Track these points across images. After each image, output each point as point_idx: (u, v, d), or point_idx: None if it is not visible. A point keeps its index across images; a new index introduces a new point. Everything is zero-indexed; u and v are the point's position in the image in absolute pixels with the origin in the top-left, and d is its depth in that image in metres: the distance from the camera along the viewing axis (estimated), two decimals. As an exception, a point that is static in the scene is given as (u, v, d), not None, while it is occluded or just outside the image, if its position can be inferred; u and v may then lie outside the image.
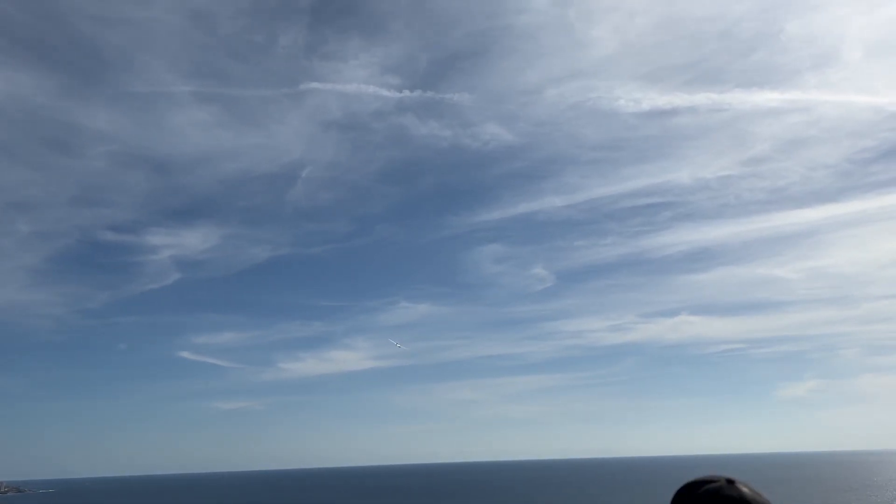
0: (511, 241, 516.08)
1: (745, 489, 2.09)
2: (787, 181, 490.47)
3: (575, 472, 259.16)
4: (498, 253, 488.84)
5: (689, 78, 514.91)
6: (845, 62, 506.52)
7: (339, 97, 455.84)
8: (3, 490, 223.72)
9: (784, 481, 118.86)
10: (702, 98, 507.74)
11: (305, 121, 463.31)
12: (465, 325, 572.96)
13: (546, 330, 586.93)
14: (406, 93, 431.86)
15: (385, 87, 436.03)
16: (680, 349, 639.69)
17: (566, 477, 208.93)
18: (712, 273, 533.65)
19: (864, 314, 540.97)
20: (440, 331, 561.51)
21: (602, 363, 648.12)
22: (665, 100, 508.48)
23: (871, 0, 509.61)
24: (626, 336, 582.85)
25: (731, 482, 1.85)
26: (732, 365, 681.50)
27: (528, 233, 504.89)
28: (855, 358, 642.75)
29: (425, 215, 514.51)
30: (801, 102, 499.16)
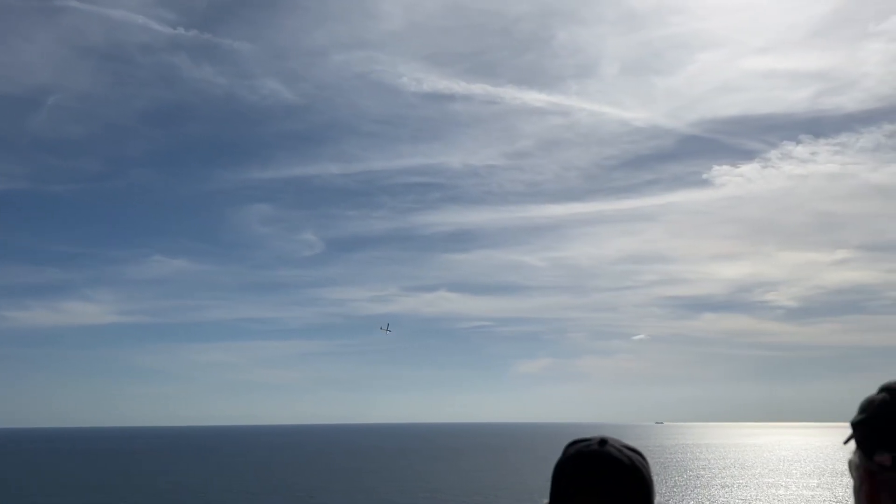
0: (282, 203, 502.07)
1: (613, 449, 2.15)
2: (543, 177, 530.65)
3: (322, 437, 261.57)
4: (266, 214, 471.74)
5: (469, 67, 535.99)
6: (602, 75, 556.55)
7: (103, 22, 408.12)
8: None
9: (514, 449, 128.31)
10: (478, 88, 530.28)
11: (58, 42, 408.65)
12: (224, 286, 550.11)
13: (309, 296, 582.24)
14: (181, 30, 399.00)
15: (157, 20, 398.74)
16: (435, 323, 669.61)
17: (308, 442, 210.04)
18: (471, 254, 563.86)
19: (592, 303, 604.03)
20: (195, 289, 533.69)
21: (361, 332, 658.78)
22: (445, 84, 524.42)
23: (628, 23, 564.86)
24: (387, 307, 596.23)
25: (603, 442, 1.81)
26: (480, 341, 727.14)
27: (301, 197, 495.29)
28: (581, 341, 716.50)
29: (190, 165, 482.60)
30: (562, 106, 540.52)
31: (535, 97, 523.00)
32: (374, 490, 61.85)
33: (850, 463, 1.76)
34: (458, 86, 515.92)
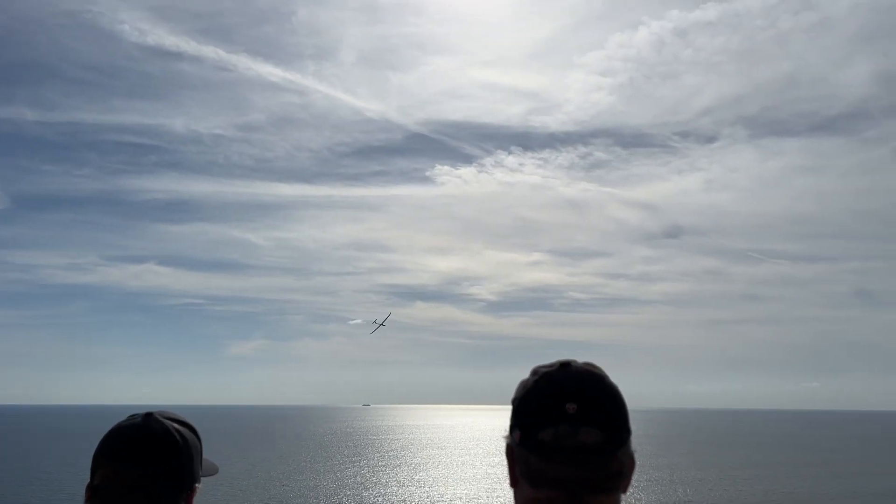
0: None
1: (154, 421, 2.29)
2: (273, 154, 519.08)
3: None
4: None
5: (202, 27, 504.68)
6: (340, 61, 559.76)
7: None
8: None
9: (229, 432, 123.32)
10: (210, 52, 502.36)
11: None
12: None
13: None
14: None
15: None
16: (141, 298, 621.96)
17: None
18: (188, 227, 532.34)
19: (314, 286, 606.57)
20: None
21: (52, 303, 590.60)
22: (173, 41, 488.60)
23: (370, 15, 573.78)
24: (85, 277, 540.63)
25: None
26: (189, 319, 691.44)
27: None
28: (299, 323, 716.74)
29: None
30: (298, 85, 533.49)
31: (270, 71, 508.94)
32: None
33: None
34: (188, 45, 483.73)
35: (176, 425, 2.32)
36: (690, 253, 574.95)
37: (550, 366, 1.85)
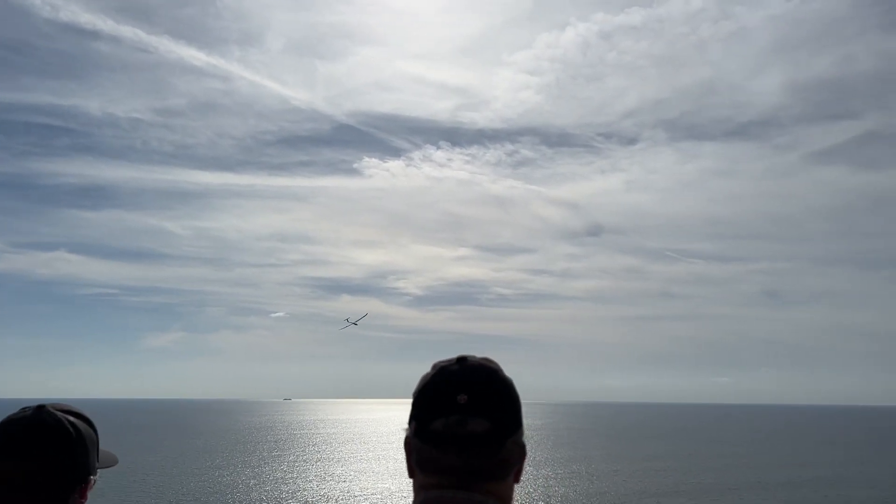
0: None
1: (47, 414, 2.25)
2: (195, 141, 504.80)
3: None
4: None
5: (120, 6, 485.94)
6: (267, 48, 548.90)
7: None
8: None
9: (143, 426, 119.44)
10: (129, 32, 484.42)
11: None
12: None
13: None
14: None
15: None
16: (50, 286, 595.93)
17: None
18: (102, 213, 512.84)
19: (235, 277, 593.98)
20: None
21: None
22: (88, 18, 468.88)
23: (296, 1, 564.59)
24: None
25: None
26: (103, 310, 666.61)
27: None
28: (218, 316, 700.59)
29: None
30: (222, 70, 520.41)
31: (193, 55, 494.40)
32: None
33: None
34: (105, 24, 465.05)
35: (70, 417, 2.28)
36: (611, 251, 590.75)
37: (449, 360, 1.92)
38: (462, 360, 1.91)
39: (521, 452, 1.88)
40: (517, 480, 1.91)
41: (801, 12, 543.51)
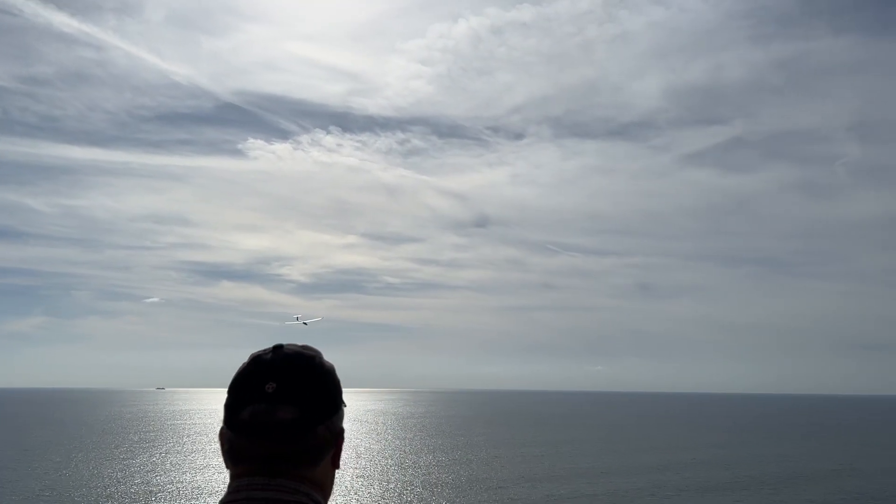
0: None
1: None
2: (63, 113, 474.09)
3: None
4: None
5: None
6: (146, 19, 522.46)
7: None
8: None
9: (1, 417, 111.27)
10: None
11: None
12: None
13: None
14: None
15: None
16: None
17: None
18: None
19: (105, 259, 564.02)
20: None
21: None
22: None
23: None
24: None
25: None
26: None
27: None
28: (86, 300, 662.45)
29: None
30: (96, 39, 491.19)
31: (63, 21, 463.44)
32: None
33: None
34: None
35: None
36: (495, 242, 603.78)
37: (265, 350, 1.92)
38: (278, 349, 1.91)
39: (335, 438, 1.88)
40: (336, 465, 1.91)
41: (677, 21, 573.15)
